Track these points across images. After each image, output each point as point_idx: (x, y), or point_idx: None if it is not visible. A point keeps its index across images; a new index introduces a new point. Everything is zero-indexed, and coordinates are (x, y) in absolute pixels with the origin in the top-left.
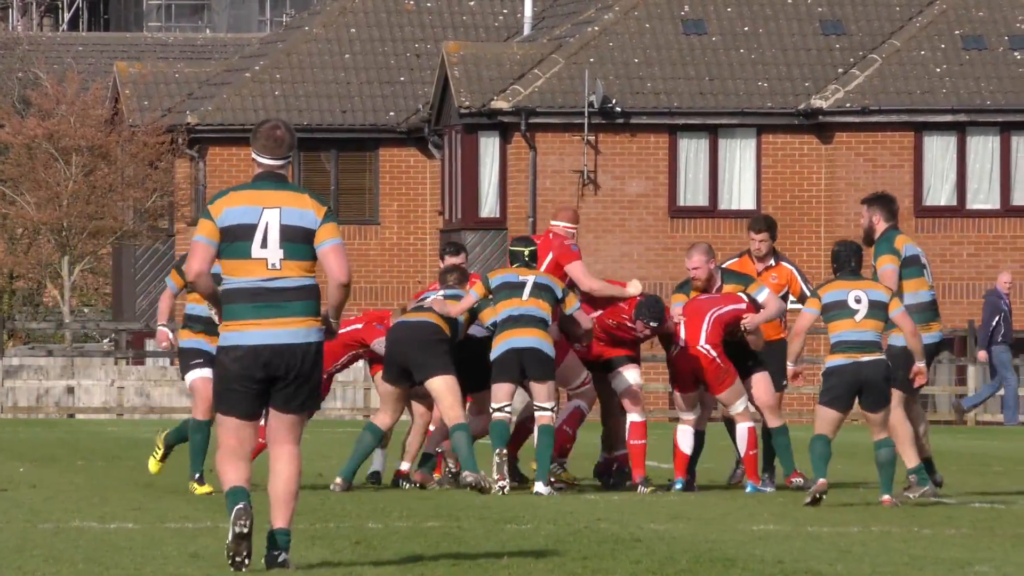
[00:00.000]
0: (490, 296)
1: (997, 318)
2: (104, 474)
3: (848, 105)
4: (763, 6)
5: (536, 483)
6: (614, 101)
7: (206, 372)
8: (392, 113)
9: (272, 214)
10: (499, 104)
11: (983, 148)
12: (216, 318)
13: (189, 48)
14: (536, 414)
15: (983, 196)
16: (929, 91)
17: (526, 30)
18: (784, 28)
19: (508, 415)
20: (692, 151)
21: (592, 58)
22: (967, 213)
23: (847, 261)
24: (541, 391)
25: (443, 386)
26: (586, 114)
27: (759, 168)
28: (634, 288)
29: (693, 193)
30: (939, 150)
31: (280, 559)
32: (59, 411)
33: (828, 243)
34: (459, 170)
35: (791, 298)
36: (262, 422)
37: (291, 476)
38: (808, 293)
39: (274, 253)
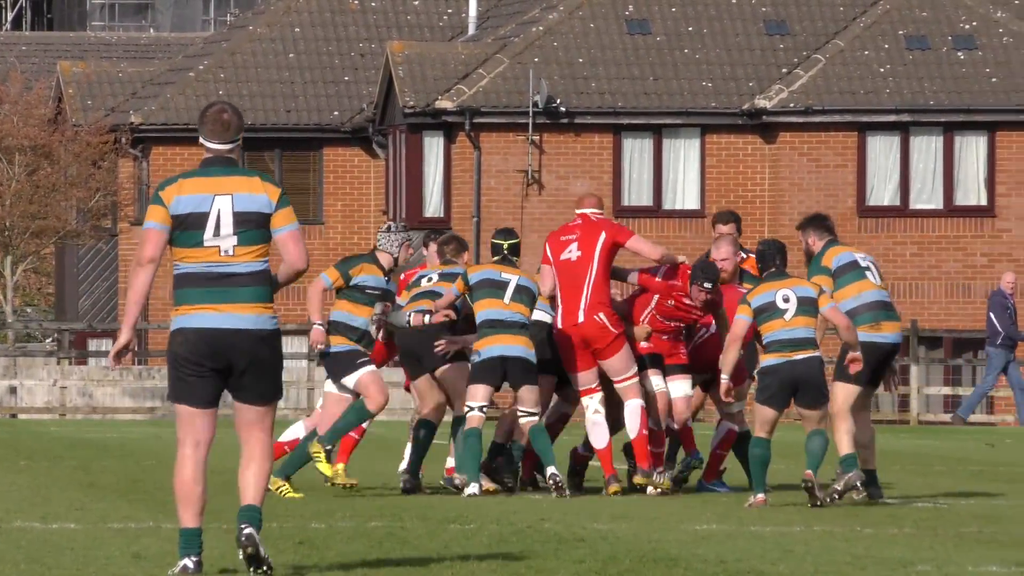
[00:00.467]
0: (468, 293)
1: (1004, 318)
2: (46, 474)
3: (792, 105)
4: (707, 6)
5: (547, 467)
6: (558, 101)
7: (372, 367)
8: (336, 113)
9: (224, 201)
10: (443, 104)
11: (926, 148)
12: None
13: (133, 47)
14: (521, 420)
15: (926, 196)
16: (873, 91)
17: (471, 30)
18: (728, 28)
19: (483, 415)
20: (636, 151)
21: (536, 58)
22: (910, 213)
23: (772, 260)
24: (527, 398)
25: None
26: (530, 114)
27: (703, 168)
28: (680, 257)
29: (637, 193)
30: (882, 150)
31: (246, 530)
32: (1, 411)
33: None
34: (403, 170)
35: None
36: (294, 436)
37: (263, 464)
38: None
39: (227, 240)
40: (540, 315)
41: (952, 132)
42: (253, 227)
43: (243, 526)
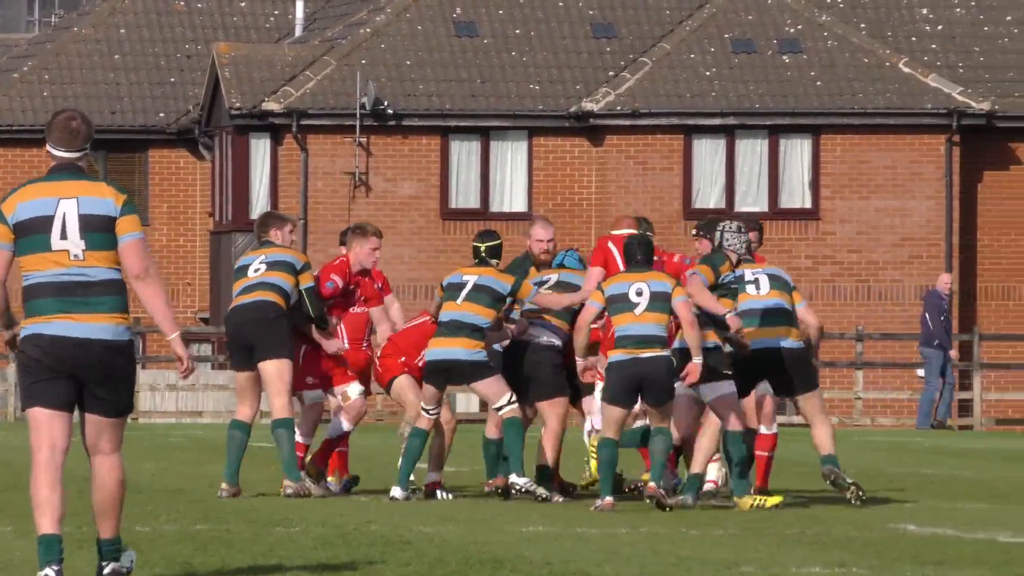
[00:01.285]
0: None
1: (940, 319)
2: None
3: (619, 108)
4: (534, 9)
5: (511, 475)
6: (386, 103)
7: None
8: (162, 114)
9: (69, 204)
10: (270, 105)
11: (752, 151)
12: None
13: None
14: (498, 414)
15: (752, 198)
16: (699, 94)
17: (298, 31)
18: (555, 31)
19: (430, 418)
20: (464, 153)
21: (364, 60)
22: (736, 215)
23: (634, 254)
24: (486, 393)
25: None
26: (358, 116)
27: (531, 170)
28: None
29: (465, 195)
30: (708, 153)
31: (106, 570)
32: None
33: None
34: (230, 171)
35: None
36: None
37: (115, 487)
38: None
39: (75, 244)
40: (548, 338)
41: (777, 135)
42: (100, 231)
43: (103, 564)
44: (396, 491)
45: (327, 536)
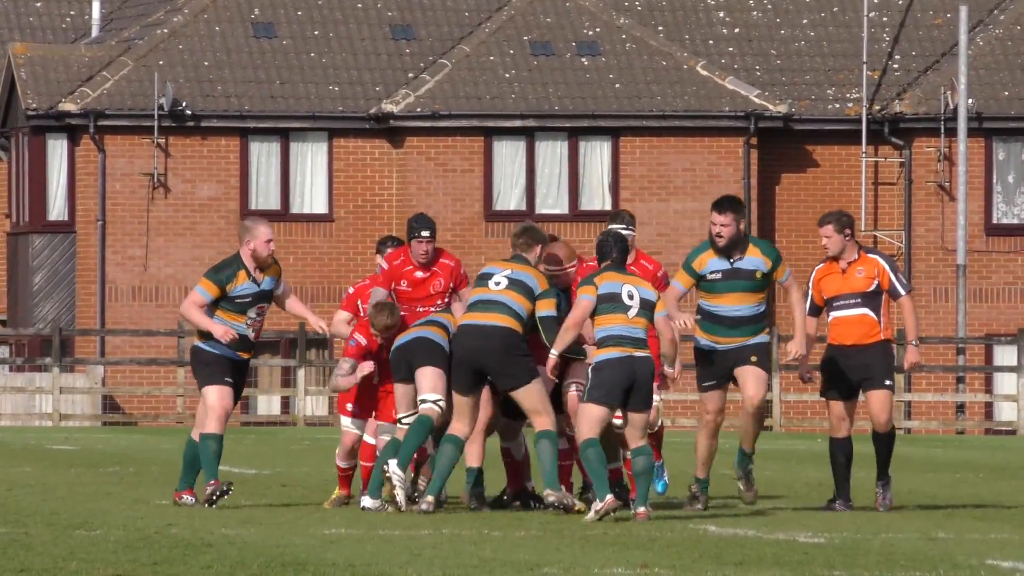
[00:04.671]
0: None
1: None
2: None
3: (419, 110)
4: (333, 10)
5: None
6: (184, 104)
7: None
8: None
9: None
10: (67, 106)
11: (552, 153)
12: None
13: None
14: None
15: (552, 200)
16: (498, 96)
17: (94, 32)
18: (355, 32)
19: (432, 407)
20: (264, 154)
21: (162, 60)
22: (536, 218)
23: (609, 251)
24: (419, 383)
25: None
26: (156, 117)
27: (331, 172)
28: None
29: (265, 197)
30: (508, 155)
31: None
32: None
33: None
34: (26, 172)
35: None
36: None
37: None
38: (900, 287)
39: None
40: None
41: (577, 137)
42: None
43: None
44: (428, 500)
45: (128, 539)
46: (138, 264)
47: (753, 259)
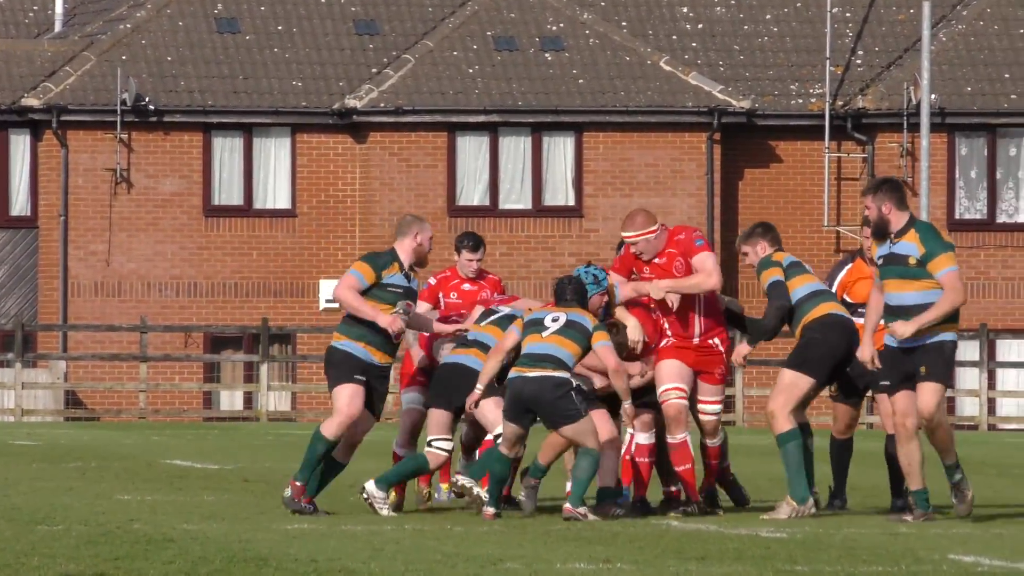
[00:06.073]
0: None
1: None
2: None
3: (382, 105)
4: (296, 5)
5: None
6: (147, 99)
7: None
8: None
9: None
10: (30, 101)
11: (515, 148)
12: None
13: None
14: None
15: (515, 196)
16: (462, 91)
17: (57, 27)
18: (318, 28)
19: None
20: (227, 150)
21: (124, 55)
22: (500, 213)
23: (563, 294)
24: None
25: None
26: (119, 112)
27: (294, 167)
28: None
29: (228, 192)
30: (472, 150)
31: None
32: None
33: (363, 243)
34: None
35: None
36: None
37: None
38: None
39: None
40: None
41: (540, 133)
42: None
43: None
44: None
45: (90, 535)
46: (100, 259)
47: (907, 244)
